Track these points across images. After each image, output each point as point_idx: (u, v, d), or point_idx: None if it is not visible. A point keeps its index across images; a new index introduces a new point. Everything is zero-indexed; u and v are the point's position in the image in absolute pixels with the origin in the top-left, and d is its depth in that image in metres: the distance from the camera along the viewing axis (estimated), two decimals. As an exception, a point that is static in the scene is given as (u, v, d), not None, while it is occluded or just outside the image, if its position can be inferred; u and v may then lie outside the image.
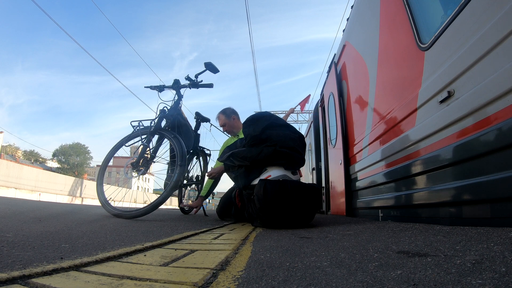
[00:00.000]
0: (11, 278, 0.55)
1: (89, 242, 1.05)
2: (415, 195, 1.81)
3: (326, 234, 1.43)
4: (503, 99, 1.14)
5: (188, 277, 0.63)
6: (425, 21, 1.81)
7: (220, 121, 3.19)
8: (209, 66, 2.69)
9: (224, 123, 3.16)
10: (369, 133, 2.67)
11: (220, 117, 3.19)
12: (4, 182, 15.87)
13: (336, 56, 4.13)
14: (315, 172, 5.48)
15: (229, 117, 3.17)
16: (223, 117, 3.17)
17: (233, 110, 3.25)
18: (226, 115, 3.16)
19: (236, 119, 3.21)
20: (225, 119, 3.15)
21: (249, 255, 0.90)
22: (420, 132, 1.75)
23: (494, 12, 1.19)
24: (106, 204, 2.32)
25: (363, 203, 2.82)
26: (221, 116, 3.19)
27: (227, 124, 3.15)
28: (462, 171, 1.40)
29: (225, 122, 3.15)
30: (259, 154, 2.03)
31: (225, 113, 3.18)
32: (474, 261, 0.67)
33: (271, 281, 0.61)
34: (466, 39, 1.35)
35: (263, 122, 2.20)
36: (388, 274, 0.62)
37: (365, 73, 2.77)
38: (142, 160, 2.46)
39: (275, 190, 1.81)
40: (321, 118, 5.06)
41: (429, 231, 1.24)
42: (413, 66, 1.86)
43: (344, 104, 3.57)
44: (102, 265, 0.72)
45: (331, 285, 0.57)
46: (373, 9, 2.62)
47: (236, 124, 3.18)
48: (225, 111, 3.20)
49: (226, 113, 3.17)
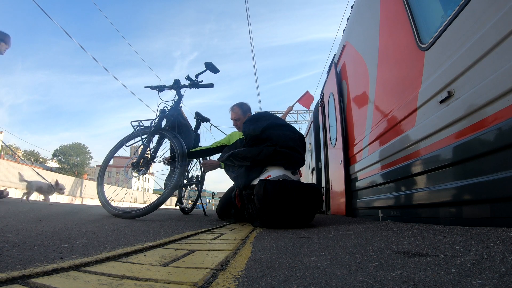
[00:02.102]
0: (11, 278, 0.55)
1: (89, 242, 1.05)
2: (415, 195, 1.81)
3: (326, 234, 1.43)
4: (503, 99, 1.13)
5: (188, 277, 0.63)
6: (425, 21, 1.81)
7: (235, 115, 2.98)
8: (210, 66, 2.68)
9: (239, 117, 2.96)
10: (369, 133, 2.67)
11: (236, 110, 2.99)
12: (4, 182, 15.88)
13: (336, 56, 4.13)
14: (315, 172, 5.48)
15: (245, 113, 2.98)
16: (239, 112, 2.97)
17: (250, 108, 3.06)
18: (243, 111, 2.97)
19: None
20: (241, 115, 2.96)
21: (249, 255, 0.90)
22: (420, 132, 1.74)
23: (494, 12, 1.19)
24: (106, 204, 2.32)
25: (363, 203, 2.82)
26: (237, 109, 2.98)
27: (241, 119, 2.94)
28: (462, 171, 1.40)
29: (240, 117, 2.95)
30: (259, 154, 2.03)
31: (242, 108, 2.99)
32: (474, 261, 0.67)
33: (271, 281, 0.61)
34: (466, 39, 1.35)
35: (263, 122, 2.20)
36: (388, 274, 0.62)
37: (365, 73, 2.77)
38: (143, 160, 2.46)
39: (275, 190, 1.81)
40: (321, 118, 5.06)
41: (429, 231, 1.24)
42: (413, 66, 1.86)
43: (344, 104, 3.57)
44: (102, 265, 0.72)
45: (331, 285, 0.57)
46: (373, 9, 2.62)
47: None
48: (242, 106, 3.00)
49: (243, 109, 2.99)
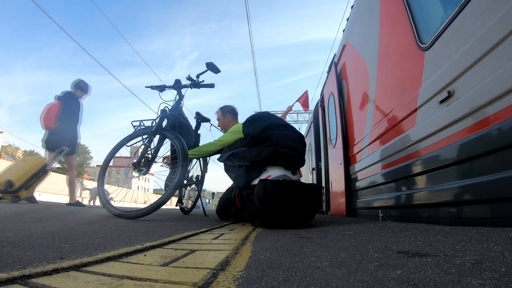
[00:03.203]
0: (11, 278, 0.55)
1: (89, 242, 1.05)
2: (415, 195, 1.81)
3: (326, 234, 1.43)
4: (503, 99, 1.14)
5: (188, 277, 0.63)
6: (425, 21, 1.81)
7: (217, 116, 3.27)
8: (211, 66, 2.69)
9: (218, 119, 3.24)
10: (369, 133, 2.67)
11: (217, 112, 3.27)
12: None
13: (336, 56, 4.13)
14: (315, 172, 5.48)
15: (224, 115, 3.20)
16: (219, 113, 3.24)
17: (230, 109, 3.24)
18: (222, 112, 3.23)
19: (230, 118, 3.19)
20: (220, 116, 3.22)
21: (249, 255, 0.90)
22: (420, 132, 1.75)
23: (494, 12, 1.19)
24: (107, 204, 2.32)
25: (363, 203, 2.82)
26: (218, 111, 3.26)
27: (220, 120, 3.22)
28: (462, 171, 1.40)
29: (219, 118, 3.23)
30: (259, 154, 2.03)
31: (222, 110, 3.24)
32: (474, 261, 0.67)
33: (271, 281, 0.61)
34: (466, 39, 1.35)
35: (263, 122, 2.20)
36: (388, 274, 0.62)
37: (365, 73, 2.77)
38: (144, 160, 2.46)
39: (275, 190, 1.81)
40: (321, 118, 5.06)
41: (429, 231, 1.23)
42: (413, 66, 1.86)
43: (344, 104, 3.57)
44: (102, 265, 0.72)
45: (331, 285, 0.57)
46: (373, 9, 2.62)
47: (228, 123, 3.16)
48: (222, 108, 3.26)
49: (222, 110, 3.24)
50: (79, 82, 4.08)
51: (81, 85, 4.06)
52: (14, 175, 3.33)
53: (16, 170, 3.42)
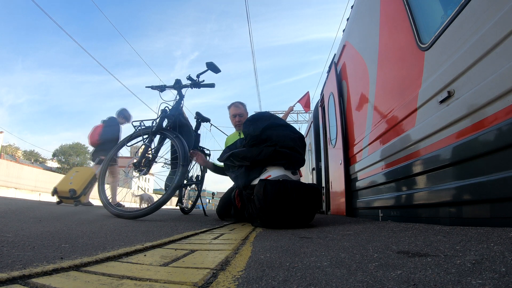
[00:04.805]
0: (11, 278, 0.55)
1: (89, 242, 1.05)
2: (415, 195, 1.81)
3: (326, 234, 1.43)
4: (503, 99, 1.13)
5: (188, 277, 0.63)
6: (425, 21, 1.81)
7: (240, 110, 3.11)
8: (211, 66, 2.69)
9: (243, 113, 3.10)
10: (369, 133, 2.66)
11: (241, 107, 3.13)
12: (4, 182, 15.87)
13: (336, 56, 4.13)
14: (315, 172, 5.47)
15: (247, 112, 3.16)
16: (243, 108, 3.13)
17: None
18: (246, 108, 3.15)
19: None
20: (245, 111, 3.13)
21: (249, 255, 0.90)
22: (420, 132, 1.74)
23: (494, 12, 1.19)
24: (107, 204, 2.32)
25: (363, 203, 2.82)
26: (241, 106, 3.14)
27: (244, 116, 3.09)
28: (462, 171, 1.40)
29: (244, 114, 3.11)
30: (259, 154, 2.03)
31: (245, 106, 3.18)
32: (474, 261, 0.67)
33: (271, 281, 0.61)
34: (466, 39, 1.35)
35: (263, 122, 2.20)
36: (388, 274, 0.62)
37: (365, 73, 2.77)
38: (144, 160, 2.46)
39: (275, 190, 1.81)
40: (321, 118, 5.06)
41: (429, 231, 1.23)
42: (413, 66, 1.86)
43: (344, 104, 3.57)
44: (102, 265, 0.72)
45: (331, 285, 0.57)
46: (373, 9, 2.62)
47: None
48: (245, 104, 3.19)
49: (246, 107, 3.17)
50: (123, 111, 4.76)
51: (124, 113, 4.74)
52: (75, 185, 3.99)
53: (75, 180, 4.08)
